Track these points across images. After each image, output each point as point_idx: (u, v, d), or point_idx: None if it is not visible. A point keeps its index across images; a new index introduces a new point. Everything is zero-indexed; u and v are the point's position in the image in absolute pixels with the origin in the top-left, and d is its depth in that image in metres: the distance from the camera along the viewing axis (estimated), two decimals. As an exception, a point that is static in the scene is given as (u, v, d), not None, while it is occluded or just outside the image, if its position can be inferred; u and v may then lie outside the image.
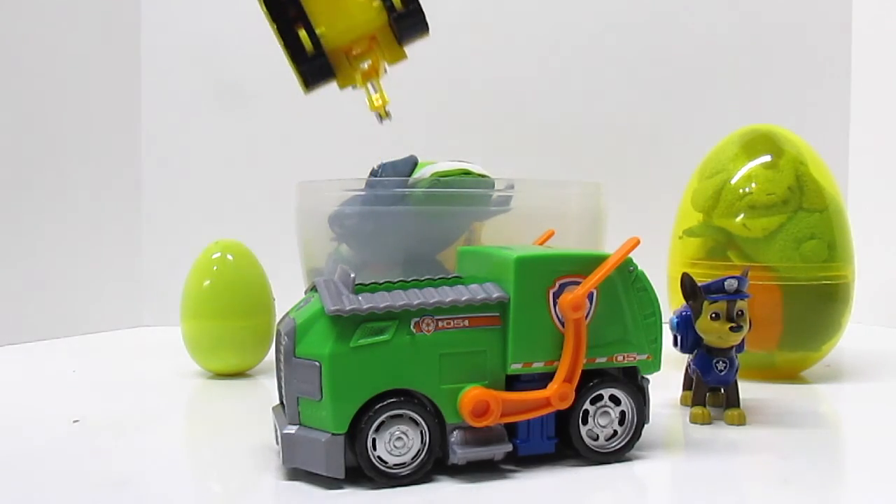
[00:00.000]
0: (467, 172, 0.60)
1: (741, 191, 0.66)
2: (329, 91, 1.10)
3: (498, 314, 0.42)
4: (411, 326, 0.41)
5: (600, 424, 0.44)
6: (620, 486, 0.41)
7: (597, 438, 0.44)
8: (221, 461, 0.45)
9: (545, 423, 0.43)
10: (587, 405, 0.43)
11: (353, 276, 0.43)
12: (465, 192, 0.59)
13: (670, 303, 0.72)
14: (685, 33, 1.06)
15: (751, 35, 1.06)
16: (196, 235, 0.78)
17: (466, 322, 0.42)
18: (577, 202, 0.66)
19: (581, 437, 0.44)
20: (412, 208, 0.59)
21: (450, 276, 0.46)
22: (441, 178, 0.59)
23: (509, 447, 0.42)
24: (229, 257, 0.69)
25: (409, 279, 0.45)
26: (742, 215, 0.66)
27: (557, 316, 0.42)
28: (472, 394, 0.41)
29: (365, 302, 0.41)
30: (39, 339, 0.89)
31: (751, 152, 0.68)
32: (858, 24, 1.07)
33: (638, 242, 0.43)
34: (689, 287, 0.54)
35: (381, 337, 0.40)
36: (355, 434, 0.40)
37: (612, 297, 0.43)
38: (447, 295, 0.42)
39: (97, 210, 0.98)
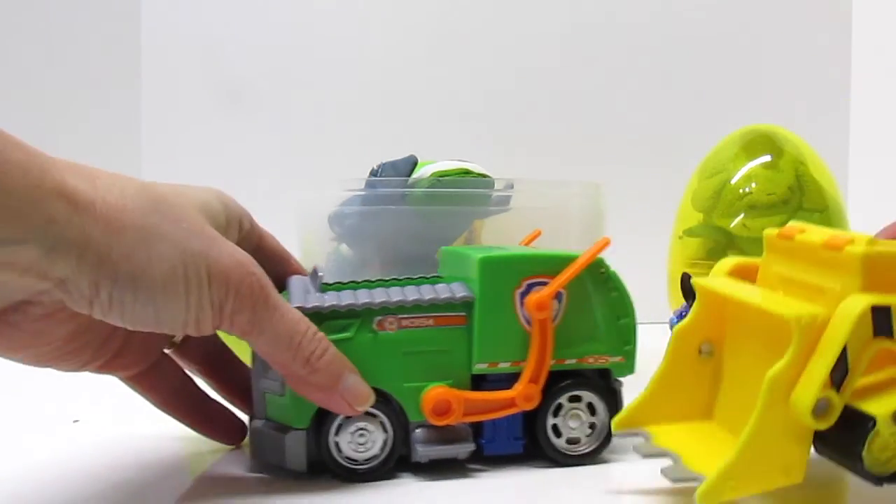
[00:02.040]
0: (467, 172, 0.60)
1: (741, 191, 0.66)
2: (329, 91, 1.10)
3: (464, 314, 0.42)
4: (374, 325, 0.41)
5: (570, 426, 0.43)
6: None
7: (566, 441, 0.44)
8: (216, 459, 0.45)
9: (512, 423, 0.43)
10: (555, 407, 0.43)
11: (320, 274, 0.44)
12: (465, 191, 0.59)
13: (670, 303, 0.72)
14: (685, 33, 1.06)
15: (751, 35, 1.06)
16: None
17: (431, 321, 0.42)
18: (577, 202, 0.66)
19: (548, 438, 0.43)
20: (412, 208, 0.59)
21: (420, 276, 0.46)
22: (441, 178, 0.59)
23: (472, 446, 0.42)
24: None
25: (376, 279, 0.45)
26: (742, 215, 0.66)
27: (524, 316, 0.42)
28: (434, 392, 0.41)
29: (329, 300, 0.41)
30: (39, 338, 0.89)
31: (751, 152, 0.68)
32: (858, 24, 1.07)
33: (608, 243, 0.43)
34: (688, 287, 0.54)
35: (344, 334, 0.41)
36: (318, 429, 0.41)
37: (582, 299, 0.43)
38: (411, 294, 0.42)
39: (97, 210, 0.98)
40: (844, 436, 0.33)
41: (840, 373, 0.32)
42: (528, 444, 0.43)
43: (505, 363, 0.42)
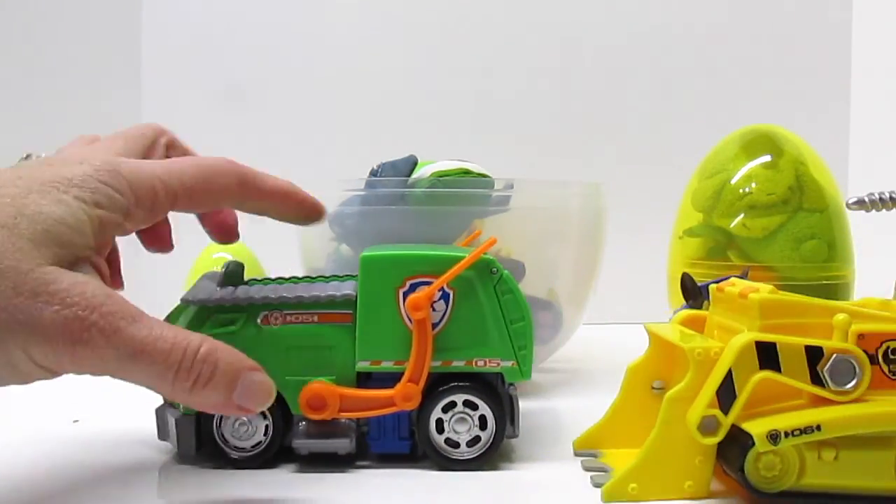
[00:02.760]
0: (467, 172, 0.60)
1: (741, 191, 0.66)
2: (329, 91, 1.10)
3: (349, 311, 0.43)
4: (258, 319, 0.43)
5: (455, 430, 0.43)
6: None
7: (450, 444, 0.43)
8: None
9: (399, 422, 0.43)
10: (441, 408, 0.43)
11: (222, 270, 0.46)
12: (465, 191, 0.59)
13: (670, 303, 0.72)
14: (685, 33, 1.06)
15: (751, 35, 1.06)
16: (196, 235, 0.78)
17: (315, 318, 0.43)
18: (577, 202, 0.66)
19: (430, 440, 0.43)
20: (412, 208, 0.59)
21: (333, 276, 0.48)
22: (441, 178, 0.59)
23: (348, 443, 0.42)
24: (229, 257, 0.69)
25: (267, 278, 0.47)
26: (742, 215, 0.66)
27: (408, 316, 0.42)
28: (310, 387, 0.42)
29: (218, 295, 0.43)
30: (39, 338, 0.89)
31: (751, 152, 0.68)
32: (858, 24, 1.07)
33: (494, 242, 0.43)
34: (689, 287, 0.54)
35: (229, 328, 0.42)
36: (205, 415, 0.43)
37: (471, 300, 0.43)
38: (296, 291, 0.43)
39: (97, 210, 0.98)
40: (732, 452, 0.38)
41: (728, 397, 0.37)
42: (417, 446, 0.43)
43: (388, 362, 0.43)
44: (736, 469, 0.37)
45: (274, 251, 0.73)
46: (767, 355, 0.37)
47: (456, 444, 0.43)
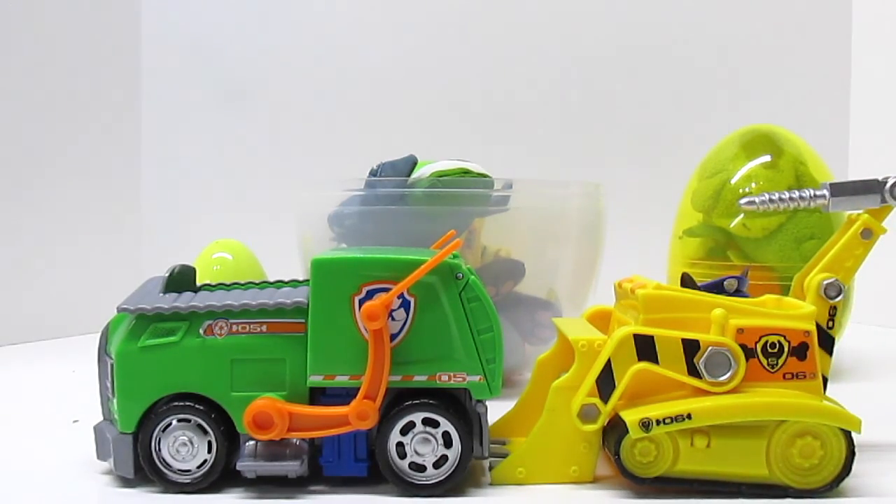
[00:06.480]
0: (466, 171, 0.60)
1: (741, 191, 0.66)
2: (329, 91, 1.10)
3: (302, 321, 0.39)
4: (201, 329, 0.39)
5: (417, 452, 0.39)
6: None
7: (418, 469, 0.39)
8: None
9: (356, 443, 0.39)
10: (401, 428, 0.39)
11: (166, 274, 0.43)
12: (465, 191, 0.59)
13: (670, 303, 0.72)
14: (685, 33, 1.06)
15: (751, 35, 1.06)
16: (196, 235, 0.78)
17: (264, 328, 0.39)
18: (577, 202, 0.66)
19: (389, 462, 0.39)
20: (411, 208, 0.59)
21: (292, 280, 0.45)
22: (440, 178, 0.59)
23: (298, 465, 0.39)
24: (229, 257, 0.69)
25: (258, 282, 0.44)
26: (742, 215, 0.66)
27: (364, 326, 0.38)
28: (256, 404, 0.38)
29: (159, 302, 0.40)
30: (39, 339, 0.89)
31: (751, 152, 0.68)
32: (858, 24, 1.07)
33: (459, 244, 0.40)
34: (688, 287, 0.54)
35: (170, 338, 0.39)
36: (144, 434, 0.39)
37: (433, 308, 0.39)
38: (243, 298, 0.40)
39: (97, 210, 0.98)
40: (612, 439, 0.39)
41: (608, 386, 0.39)
42: (375, 468, 0.39)
43: (343, 376, 0.39)
44: (614, 454, 0.39)
45: (274, 251, 0.73)
46: (646, 347, 0.39)
47: (421, 468, 0.39)
